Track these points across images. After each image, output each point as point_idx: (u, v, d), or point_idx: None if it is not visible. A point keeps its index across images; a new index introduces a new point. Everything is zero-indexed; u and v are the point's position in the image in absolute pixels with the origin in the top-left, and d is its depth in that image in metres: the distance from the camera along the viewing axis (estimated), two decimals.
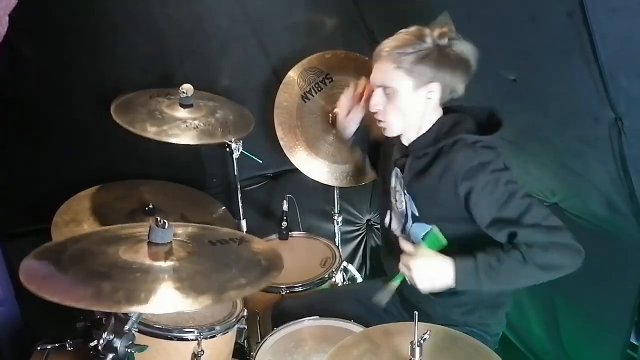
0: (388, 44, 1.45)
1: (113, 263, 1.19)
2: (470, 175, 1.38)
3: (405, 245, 1.45)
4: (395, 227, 1.64)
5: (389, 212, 1.66)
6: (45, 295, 1.02)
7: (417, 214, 1.53)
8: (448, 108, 1.55)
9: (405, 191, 1.54)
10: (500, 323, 1.66)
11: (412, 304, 1.63)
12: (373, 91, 1.53)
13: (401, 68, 1.42)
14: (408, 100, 1.45)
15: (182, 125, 1.92)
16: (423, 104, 1.47)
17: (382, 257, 1.83)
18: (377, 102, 1.50)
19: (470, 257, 1.38)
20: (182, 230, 1.40)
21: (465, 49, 1.43)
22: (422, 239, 1.48)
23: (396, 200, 1.60)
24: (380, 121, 1.53)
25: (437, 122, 1.52)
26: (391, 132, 1.53)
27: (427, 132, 1.51)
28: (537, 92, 1.62)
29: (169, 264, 1.22)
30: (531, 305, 2.12)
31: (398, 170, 1.58)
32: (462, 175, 1.39)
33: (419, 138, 1.52)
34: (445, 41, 1.42)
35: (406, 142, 1.55)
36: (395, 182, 1.60)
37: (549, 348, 2.10)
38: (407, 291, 1.60)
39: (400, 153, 1.58)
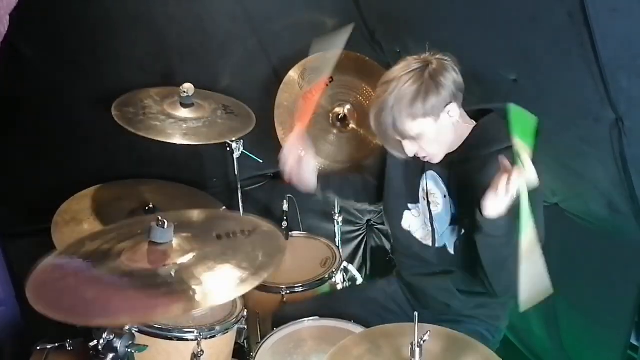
0: (390, 106, 1.39)
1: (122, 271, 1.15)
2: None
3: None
4: (415, 228, 1.64)
5: (406, 212, 1.66)
6: (85, 321, 1.00)
7: (458, 216, 1.53)
8: (478, 110, 1.54)
9: (445, 194, 1.54)
10: (506, 317, 1.69)
11: (432, 297, 1.66)
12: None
13: (416, 117, 1.39)
14: (436, 132, 1.43)
15: (183, 126, 1.92)
16: (450, 124, 1.44)
17: (395, 258, 1.86)
18: (411, 149, 1.47)
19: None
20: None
21: (440, 56, 1.43)
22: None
23: (429, 202, 1.59)
24: (423, 157, 1.51)
25: (475, 127, 1.51)
26: (436, 160, 1.52)
27: (467, 138, 1.50)
28: (537, 92, 1.62)
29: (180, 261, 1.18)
30: (531, 306, 2.12)
31: (434, 173, 1.57)
32: None
33: (462, 145, 1.50)
34: (425, 65, 1.40)
35: (447, 150, 1.53)
36: (429, 184, 1.58)
37: (549, 348, 2.10)
38: (431, 288, 1.64)
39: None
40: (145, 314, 1.05)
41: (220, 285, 1.12)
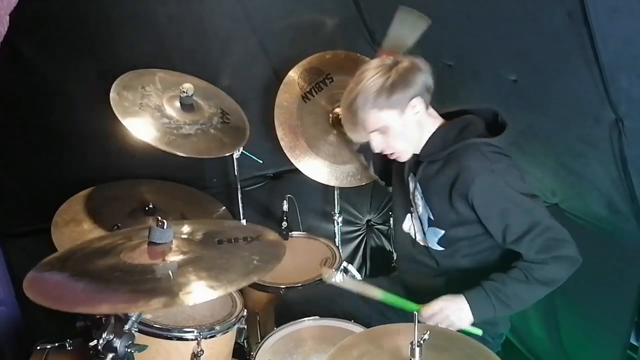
0: (356, 96, 1.47)
1: (116, 266, 1.19)
2: (481, 184, 1.41)
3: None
4: (413, 231, 1.65)
5: (408, 215, 1.67)
6: (68, 308, 1.03)
7: (432, 218, 1.55)
8: (452, 112, 1.57)
9: (422, 195, 1.56)
10: (505, 323, 1.68)
11: (430, 300, 1.65)
12: None
13: (382, 108, 1.46)
14: (402, 126, 1.49)
15: (174, 132, 1.90)
16: (415, 120, 1.50)
17: (397, 263, 1.88)
18: (378, 144, 1.54)
19: (477, 286, 1.46)
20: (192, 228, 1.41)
21: (413, 57, 1.49)
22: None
23: (415, 204, 1.62)
24: (390, 154, 1.57)
25: (441, 126, 1.55)
26: (404, 158, 1.58)
27: (431, 137, 1.54)
28: (537, 92, 1.62)
29: (172, 260, 1.22)
30: (531, 306, 2.12)
31: (413, 174, 1.61)
32: (473, 182, 1.41)
33: (426, 145, 1.55)
34: (395, 62, 1.47)
35: (416, 150, 1.57)
36: (412, 186, 1.62)
37: (549, 348, 2.10)
38: (430, 292, 1.63)
39: (413, 159, 1.60)
40: (126, 305, 1.08)
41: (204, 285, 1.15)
